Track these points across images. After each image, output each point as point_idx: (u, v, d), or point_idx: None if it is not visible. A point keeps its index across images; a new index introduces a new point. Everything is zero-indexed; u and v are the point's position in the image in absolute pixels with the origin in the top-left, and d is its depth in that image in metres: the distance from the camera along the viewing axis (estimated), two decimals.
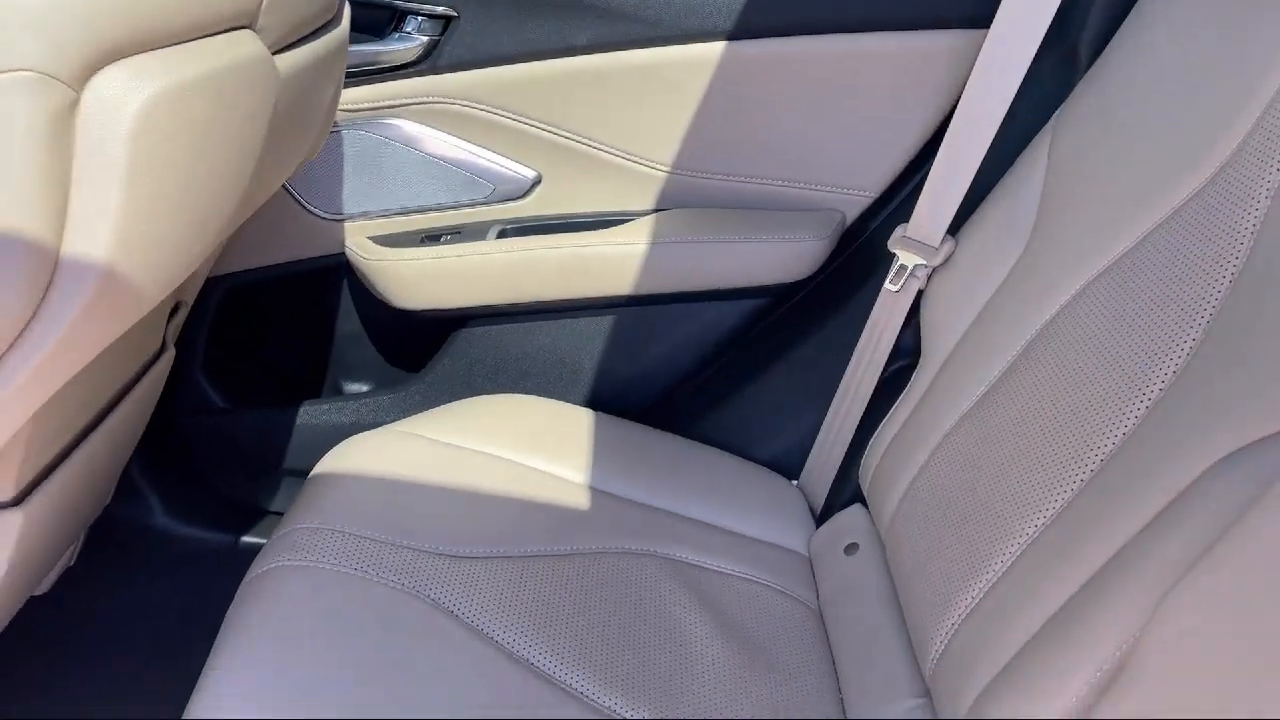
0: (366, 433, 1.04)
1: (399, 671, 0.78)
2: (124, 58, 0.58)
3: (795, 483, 1.16)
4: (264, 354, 1.32)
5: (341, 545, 0.87)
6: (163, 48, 0.62)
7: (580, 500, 1.01)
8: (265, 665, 0.76)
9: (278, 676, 0.75)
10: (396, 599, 0.83)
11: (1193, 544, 0.58)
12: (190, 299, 1.04)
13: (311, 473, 0.99)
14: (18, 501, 0.74)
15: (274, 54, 0.76)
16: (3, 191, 0.54)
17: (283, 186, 1.17)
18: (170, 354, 0.99)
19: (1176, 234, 0.76)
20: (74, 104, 0.56)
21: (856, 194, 1.14)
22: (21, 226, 0.56)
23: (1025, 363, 0.86)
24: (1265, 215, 0.69)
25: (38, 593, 1.05)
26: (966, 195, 1.00)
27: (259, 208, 0.91)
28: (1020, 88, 0.97)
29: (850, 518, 1.05)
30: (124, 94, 0.57)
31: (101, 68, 0.57)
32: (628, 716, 0.80)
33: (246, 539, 1.27)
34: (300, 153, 0.89)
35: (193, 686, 0.75)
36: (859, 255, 1.15)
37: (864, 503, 1.05)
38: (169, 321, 0.97)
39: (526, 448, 1.05)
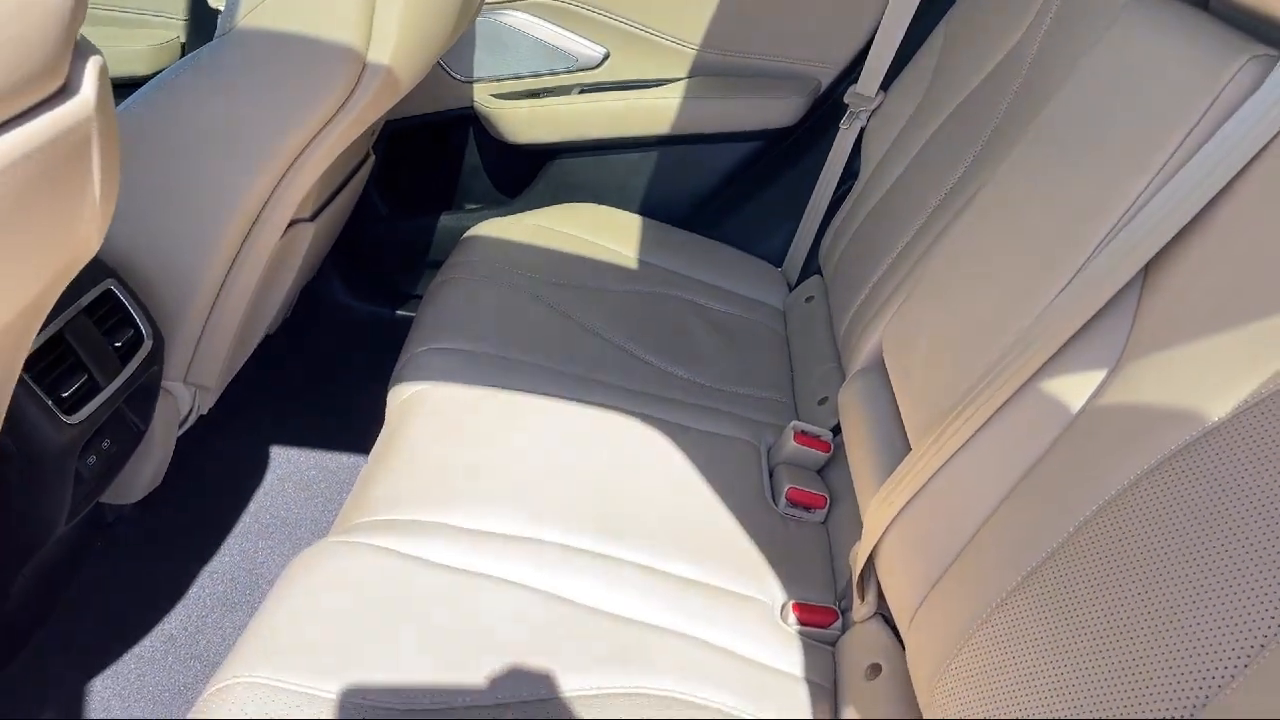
0: (495, 218, 1.58)
1: (526, 329, 1.32)
2: None
3: (779, 269, 1.68)
4: (414, 177, 1.85)
5: (488, 269, 1.41)
6: None
7: (633, 264, 1.54)
8: (451, 320, 1.31)
9: (458, 330, 1.30)
10: (523, 299, 1.38)
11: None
12: (378, 127, 1.58)
13: (463, 236, 1.53)
14: (312, 219, 1.29)
15: None
16: (344, 23, 1.07)
17: None
18: (371, 158, 1.53)
19: (996, 79, 1.26)
20: None
21: (827, 66, 1.63)
22: (350, 43, 1.09)
23: (914, 163, 1.37)
24: (1029, 64, 1.19)
25: (269, 331, 1.61)
26: (893, 63, 1.50)
27: None
28: None
29: (811, 282, 1.57)
30: None
31: None
32: (658, 364, 1.34)
33: (400, 311, 1.83)
34: (462, 28, 1.41)
35: (376, 392, 1.28)
36: (828, 109, 1.65)
37: (821, 274, 1.57)
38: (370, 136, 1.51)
39: (599, 234, 1.58)
